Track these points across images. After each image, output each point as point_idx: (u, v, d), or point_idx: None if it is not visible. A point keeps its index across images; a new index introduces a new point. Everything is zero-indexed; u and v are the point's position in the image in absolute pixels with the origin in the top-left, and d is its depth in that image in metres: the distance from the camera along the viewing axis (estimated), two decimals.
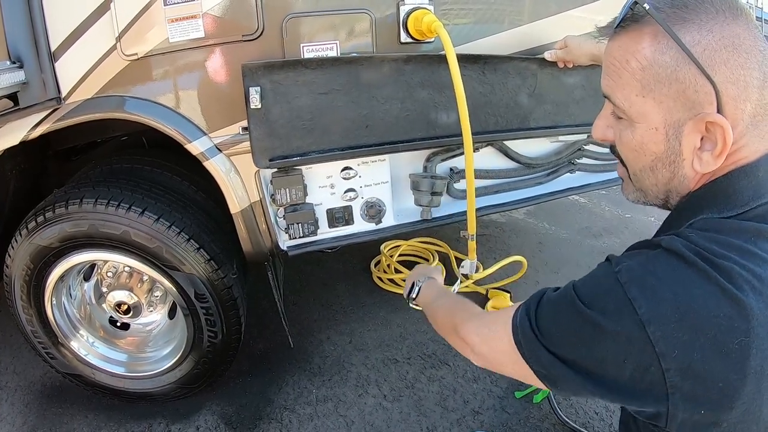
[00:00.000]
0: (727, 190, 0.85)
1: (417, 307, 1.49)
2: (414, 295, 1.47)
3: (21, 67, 1.56)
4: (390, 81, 1.62)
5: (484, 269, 2.89)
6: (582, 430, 2.01)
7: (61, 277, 1.93)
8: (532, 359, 0.93)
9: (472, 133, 1.59)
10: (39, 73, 1.59)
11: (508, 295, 2.77)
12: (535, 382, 0.95)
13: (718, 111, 0.80)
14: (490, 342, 1.04)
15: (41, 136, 1.71)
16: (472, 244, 1.73)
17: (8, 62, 1.56)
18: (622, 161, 0.98)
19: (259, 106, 1.50)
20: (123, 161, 2.08)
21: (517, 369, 0.97)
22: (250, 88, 1.49)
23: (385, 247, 3.18)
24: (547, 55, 1.83)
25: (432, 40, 1.66)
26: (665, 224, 0.97)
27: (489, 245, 3.53)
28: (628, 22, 0.86)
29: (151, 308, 2.12)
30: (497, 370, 1.07)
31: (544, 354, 0.90)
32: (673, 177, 0.90)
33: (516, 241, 3.62)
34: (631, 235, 3.75)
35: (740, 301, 0.74)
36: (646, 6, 0.82)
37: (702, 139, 0.83)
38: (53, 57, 1.59)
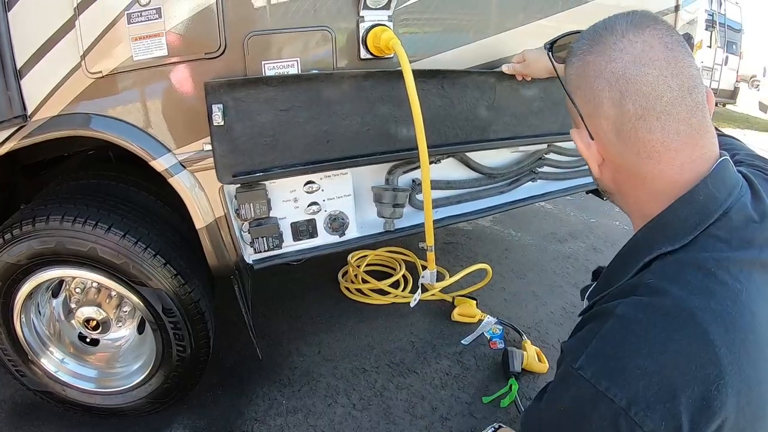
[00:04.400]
0: (672, 223, 0.88)
1: None
2: None
3: None
4: (350, 97, 1.65)
5: (450, 277, 2.93)
6: None
7: (30, 294, 1.92)
8: None
9: (433, 146, 1.63)
10: (5, 90, 1.59)
11: (474, 302, 2.82)
12: None
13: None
14: None
15: (8, 153, 1.71)
16: (431, 255, 1.77)
17: None
18: None
19: (222, 123, 1.52)
20: (89, 177, 2.08)
21: None
22: (213, 106, 1.51)
23: (352, 258, 3.21)
24: (505, 68, 1.87)
25: (391, 56, 1.70)
26: (620, 260, 0.99)
27: (456, 253, 3.58)
28: None
29: (120, 323, 2.12)
30: None
31: None
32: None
33: (483, 249, 3.68)
34: (596, 239, 3.84)
35: (707, 347, 0.76)
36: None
37: None
38: (19, 74, 1.59)
